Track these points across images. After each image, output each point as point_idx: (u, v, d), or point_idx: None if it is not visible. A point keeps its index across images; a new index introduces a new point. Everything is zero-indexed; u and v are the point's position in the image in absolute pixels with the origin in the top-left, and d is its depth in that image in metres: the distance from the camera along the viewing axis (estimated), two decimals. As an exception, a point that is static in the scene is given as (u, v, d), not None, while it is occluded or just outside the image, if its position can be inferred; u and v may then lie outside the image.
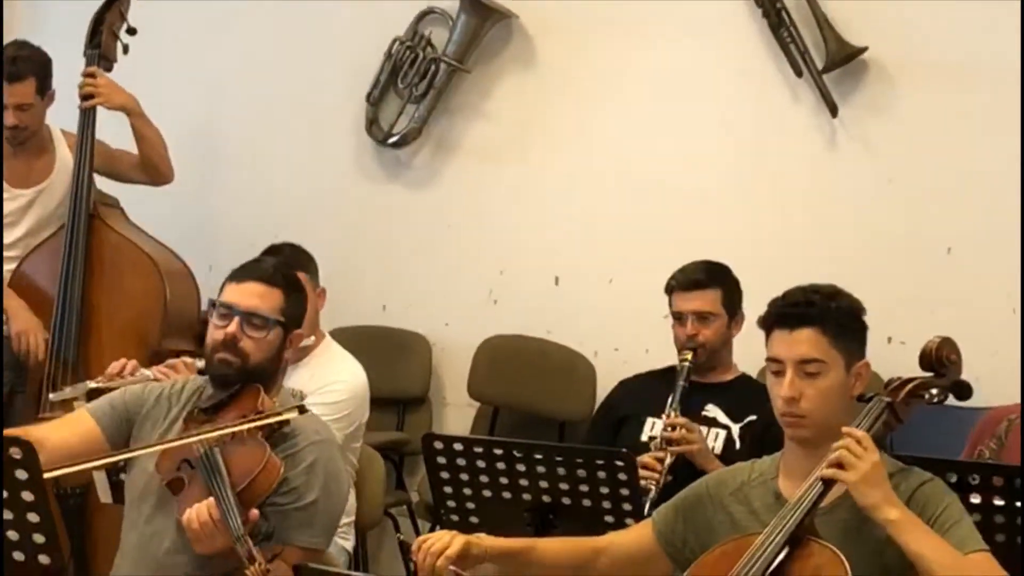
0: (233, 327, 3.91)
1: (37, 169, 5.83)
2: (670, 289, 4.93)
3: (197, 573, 3.79)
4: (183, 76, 6.76)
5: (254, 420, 3.76)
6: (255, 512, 3.62)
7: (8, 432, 3.95)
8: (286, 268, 4.23)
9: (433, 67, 6.28)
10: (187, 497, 3.72)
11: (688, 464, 4.65)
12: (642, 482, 4.30)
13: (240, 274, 4.02)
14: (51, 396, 5.03)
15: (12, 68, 5.62)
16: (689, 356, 4.84)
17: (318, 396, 4.89)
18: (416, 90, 6.31)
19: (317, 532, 3.84)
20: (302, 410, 3.78)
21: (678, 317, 4.90)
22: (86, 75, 5.75)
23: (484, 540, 3.50)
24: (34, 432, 3.93)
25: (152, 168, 5.93)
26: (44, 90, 5.71)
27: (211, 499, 3.63)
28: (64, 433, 3.94)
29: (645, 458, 4.58)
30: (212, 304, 4.01)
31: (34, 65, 5.68)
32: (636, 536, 3.65)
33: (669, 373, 4.90)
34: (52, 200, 5.83)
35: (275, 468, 3.72)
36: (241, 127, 6.73)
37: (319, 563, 3.82)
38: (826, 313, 3.41)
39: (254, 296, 3.95)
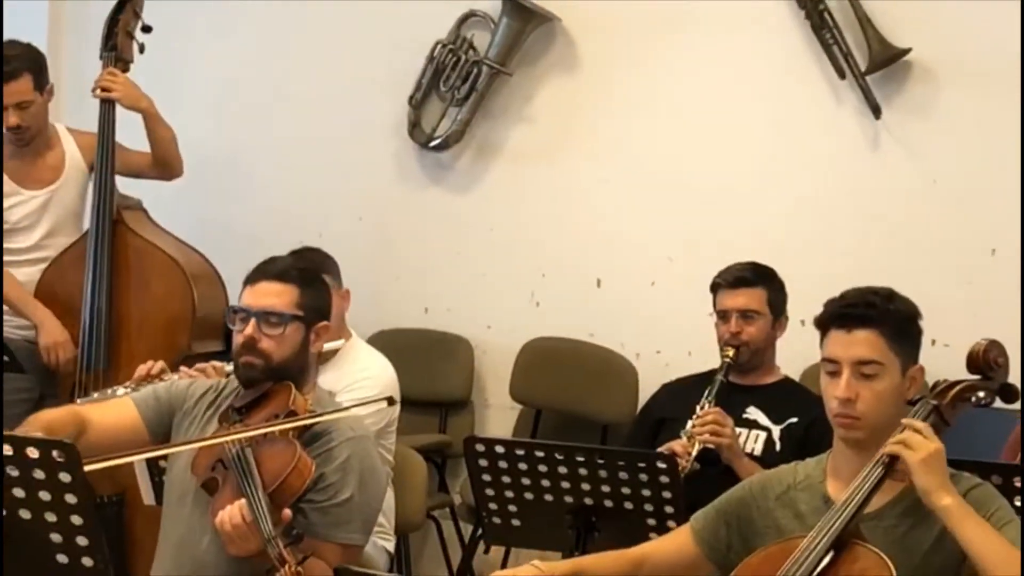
0: (250, 329, 3.91)
1: (48, 168, 5.79)
2: (715, 287, 4.93)
3: (235, 571, 3.80)
4: (227, 78, 6.78)
5: (285, 423, 3.76)
6: (287, 512, 3.62)
7: (60, 412, 3.97)
8: (303, 263, 4.22)
9: (475, 70, 6.27)
10: (221, 498, 3.72)
11: (716, 454, 4.66)
12: None
13: (253, 276, 4.02)
14: (78, 401, 5.03)
15: (6, 68, 5.54)
16: (731, 353, 4.85)
17: (347, 393, 4.89)
18: (458, 93, 6.31)
19: (355, 528, 3.84)
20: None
21: (722, 315, 4.90)
22: (107, 74, 5.73)
23: (543, 568, 3.47)
24: (82, 411, 3.98)
25: (165, 166, 5.91)
26: (42, 85, 5.64)
27: (243, 501, 3.62)
28: (109, 417, 3.98)
29: (674, 445, 4.59)
30: (232, 310, 4.02)
31: (27, 61, 5.61)
32: (677, 543, 3.62)
33: (711, 375, 4.89)
34: (67, 198, 5.80)
35: (306, 467, 3.71)
36: (283, 130, 6.73)
37: (358, 559, 3.84)
38: (885, 315, 3.39)
39: (268, 295, 3.94)
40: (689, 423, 4.71)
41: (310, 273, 4.13)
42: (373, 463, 3.95)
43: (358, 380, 4.91)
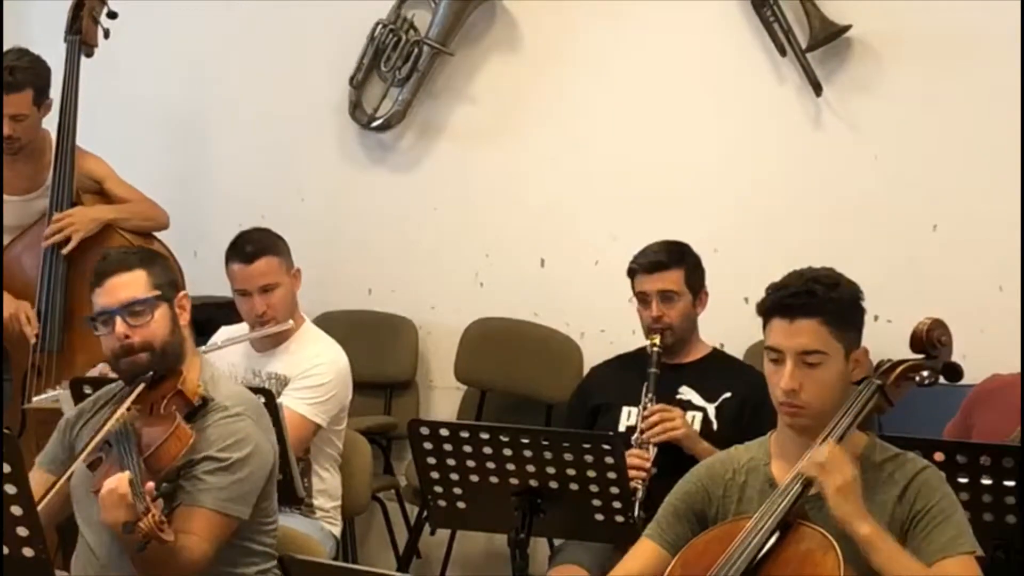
0: (120, 328, 3.84)
1: (27, 177, 5.71)
2: (632, 272, 4.92)
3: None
4: (165, 59, 6.74)
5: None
6: (150, 484, 3.57)
7: None
8: (134, 248, 4.18)
9: (416, 50, 6.24)
10: (101, 471, 3.71)
11: (669, 454, 4.62)
12: (631, 484, 4.24)
13: (96, 280, 3.93)
14: (28, 404, 5.01)
15: (10, 78, 5.48)
16: (657, 340, 4.81)
17: (301, 380, 4.88)
18: (399, 73, 6.28)
19: (229, 495, 3.79)
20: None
21: (642, 298, 4.88)
22: (53, 221, 5.59)
23: None
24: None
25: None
26: (41, 101, 5.60)
27: (127, 472, 3.60)
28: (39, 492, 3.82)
29: (632, 459, 4.49)
30: (92, 319, 3.94)
31: (32, 75, 5.54)
32: (645, 561, 3.50)
33: (640, 356, 4.86)
34: (38, 210, 5.70)
35: (185, 435, 3.73)
36: (224, 111, 6.70)
37: (232, 529, 3.82)
38: (827, 303, 3.36)
39: (120, 288, 3.87)
40: (635, 420, 4.70)
41: (147, 252, 4.11)
42: (252, 436, 3.88)
43: (312, 367, 4.90)
